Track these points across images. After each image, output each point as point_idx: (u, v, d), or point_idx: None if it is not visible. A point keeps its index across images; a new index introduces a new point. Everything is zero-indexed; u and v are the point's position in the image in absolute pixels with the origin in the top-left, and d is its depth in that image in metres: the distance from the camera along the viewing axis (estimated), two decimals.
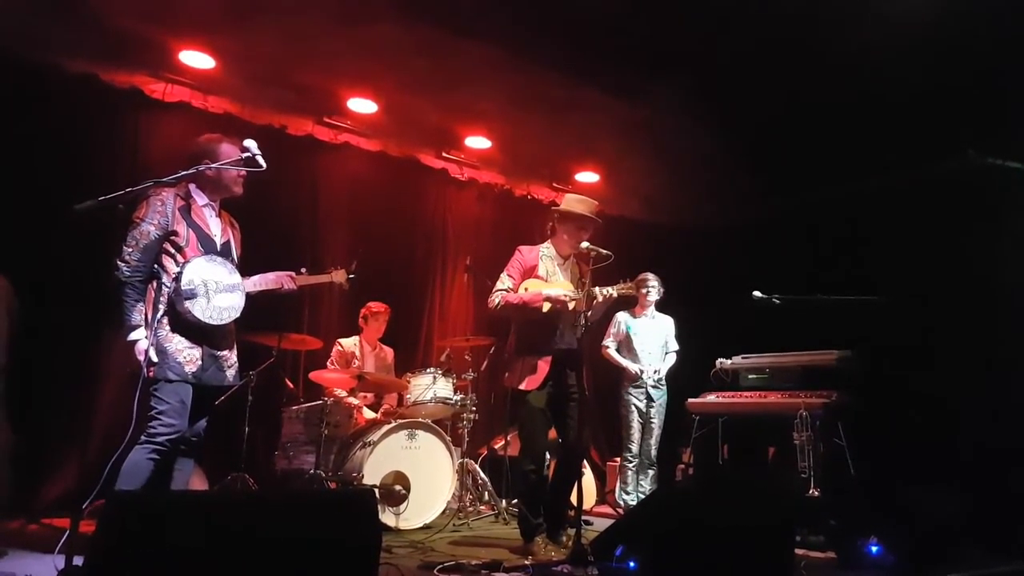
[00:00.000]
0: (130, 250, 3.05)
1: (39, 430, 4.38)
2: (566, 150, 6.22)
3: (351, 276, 3.76)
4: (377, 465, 4.46)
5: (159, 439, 2.99)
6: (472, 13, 4.24)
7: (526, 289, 3.98)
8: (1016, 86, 4.42)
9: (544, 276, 4.03)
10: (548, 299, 3.85)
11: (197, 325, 3.09)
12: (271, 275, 3.41)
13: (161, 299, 3.07)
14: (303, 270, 3.53)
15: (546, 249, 4.13)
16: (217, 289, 3.14)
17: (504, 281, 4.01)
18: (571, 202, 4.07)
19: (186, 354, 3.10)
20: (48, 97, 4.63)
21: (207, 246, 3.21)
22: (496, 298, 3.97)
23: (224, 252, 3.27)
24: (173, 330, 3.09)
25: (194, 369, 3.11)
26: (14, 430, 3.77)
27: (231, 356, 3.33)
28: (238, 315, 3.21)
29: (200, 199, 3.26)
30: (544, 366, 3.89)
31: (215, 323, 3.13)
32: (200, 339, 3.15)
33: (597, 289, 3.84)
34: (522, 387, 3.90)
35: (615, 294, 3.83)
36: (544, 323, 3.91)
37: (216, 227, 3.31)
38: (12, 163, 4.37)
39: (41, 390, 4.43)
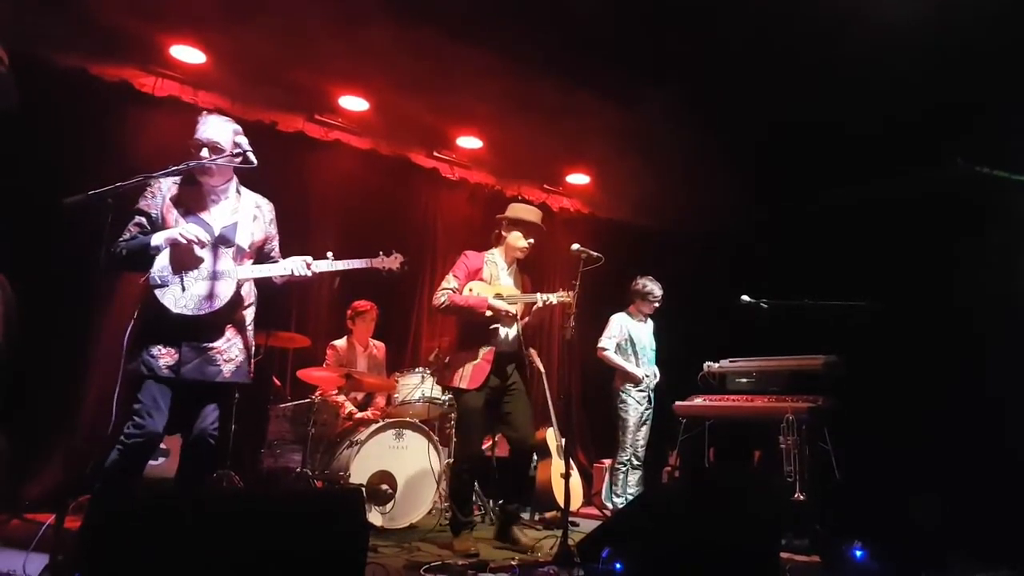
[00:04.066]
0: (120, 239, 2.96)
1: (24, 424, 4.34)
2: (557, 152, 6.24)
3: (406, 261, 3.38)
4: (364, 464, 4.45)
5: (126, 441, 2.82)
6: (465, 15, 4.25)
7: (471, 291, 4.08)
8: (1006, 95, 4.46)
9: (487, 279, 4.15)
10: (491, 309, 3.95)
11: (171, 316, 2.88)
12: (284, 261, 3.17)
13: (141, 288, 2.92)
14: (329, 254, 3.20)
15: (490, 255, 4.26)
16: (198, 276, 2.95)
17: (450, 281, 4.10)
18: (518, 210, 4.25)
19: (161, 347, 2.90)
20: (37, 90, 4.57)
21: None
22: (442, 297, 4.05)
23: (223, 238, 3.06)
24: (149, 320, 2.89)
25: (170, 363, 2.89)
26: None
27: (227, 349, 3.04)
28: (222, 305, 2.97)
29: (206, 182, 3.09)
30: (485, 365, 3.99)
31: (190, 313, 2.90)
32: (178, 330, 2.91)
33: (539, 295, 3.97)
34: (462, 386, 3.99)
35: (554, 301, 3.93)
36: (486, 324, 4.02)
37: (222, 211, 3.11)
38: None
39: (27, 384, 4.38)
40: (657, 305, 5.58)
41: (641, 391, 5.50)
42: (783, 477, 4.39)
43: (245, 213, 3.18)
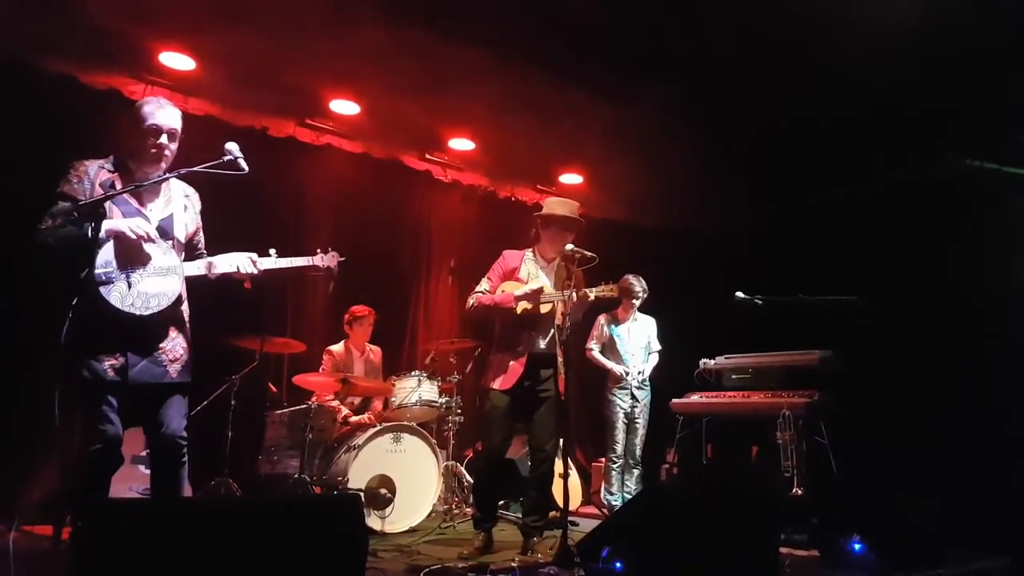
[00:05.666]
0: (42, 227, 2.72)
1: (23, 429, 4.31)
2: (551, 152, 6.22)
3: (343, 260, 3.33)
4: (362, 469, 4.44)
5: (90, 452, 2.69)
6: (457, 16, 4.24)
7: (502, 291, 4.01)
8: (1004, 94, 4.49)
9: (525, 278, 4.05)
10: (520, 298, 3.86)
11: (117, 315, 2.70)
12: (225, 256, 3.02)
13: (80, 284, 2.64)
14: (272, 251, 3.10)
15: (529, 254, 4.16)
16: (144, 273, 2.77)
17: (482, 283, 4.08)
18: (553, 205, 4.13)
19: (105, 351, 2.71)
20: (25, 97, 4.56)
21: None
22: (471, 300, 4.05)
23: (161, 230, 2.89)
24: (89, 321, 2.62)
25: (116, 365, 2.72)
26: None
27: (173, 349, 2.88)
28: (170, 302, 2.82)
29: (142, 171, 2.88)
30: (518, 367, 3.93)
31: (139, 313, 2.72)
32: (122, 331, 2.72)
33: (572, 291, 3.81)
34: (494, 386, 3.95)
35: (592, 296, 3.78)
36: (519, 325, 3.95)
37: (157, 202, 2.94)
38: None
39: (22, 394, 4.36)
40: (636, 302, 5.54)
41: (623, 389, 5.50)
42: (781, 472, 4.41)
43: (177, 203, 3.02)
